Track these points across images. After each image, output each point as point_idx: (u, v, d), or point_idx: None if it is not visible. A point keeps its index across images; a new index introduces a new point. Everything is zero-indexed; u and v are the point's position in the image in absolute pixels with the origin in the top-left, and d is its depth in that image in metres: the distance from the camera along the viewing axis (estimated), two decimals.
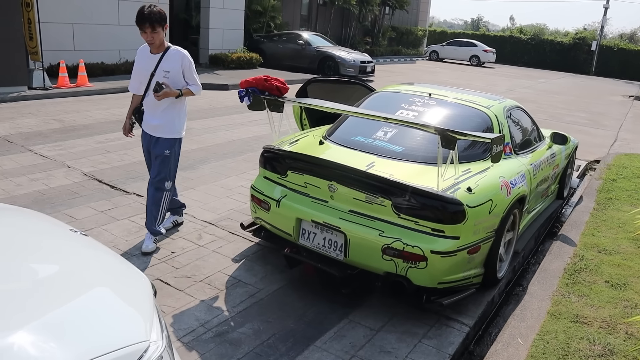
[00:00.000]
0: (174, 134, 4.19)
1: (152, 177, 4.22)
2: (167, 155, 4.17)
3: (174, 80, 4.04)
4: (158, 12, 3.91)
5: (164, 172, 4.18)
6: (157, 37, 3.95)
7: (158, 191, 4.18)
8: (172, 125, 4.16)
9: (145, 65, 4.08)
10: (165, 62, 4.03)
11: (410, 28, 35.35)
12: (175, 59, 4.06)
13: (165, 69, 4.02)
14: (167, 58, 4.04)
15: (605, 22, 36.90)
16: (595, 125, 12.90)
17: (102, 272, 2.19)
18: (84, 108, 9.54)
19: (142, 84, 4.12)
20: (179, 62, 4.06)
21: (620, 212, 5.74)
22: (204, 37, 17.11)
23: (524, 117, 4.99)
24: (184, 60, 4.09)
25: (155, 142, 4.17)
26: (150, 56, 4.07)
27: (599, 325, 3.43)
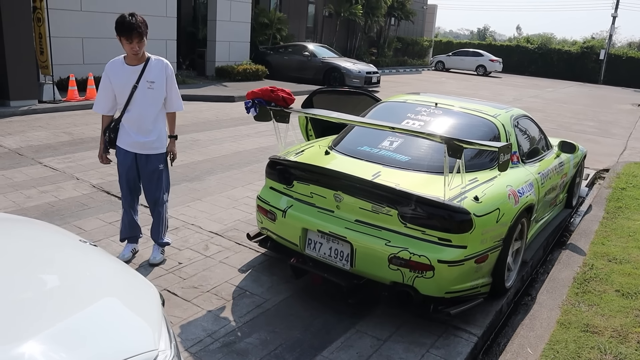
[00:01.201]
0: (164, 147, 4.04)
1: (150, 197, 4.10)
2: (162, 169, 4.05)
3: (158, 91, 3.87)
4: (144, 21, 3.72)
5: (160, 187, 4.07)
6: (143, 47, 3.75)
7: (159, 206, 4.13)
8: (163, 138, 4.00)
9: (124, 79, 3.82)
10: (148, 73, 3.83)
11: (416, 39, 35.46)
12: (159, 68, 3.87)
13: (150, 80, 3.82)
14: (150, 68, 3.84)
15: (614, 31, 36.89)
16: (604, 134, 12.83)
17: (111, 282, 2.20)
18: (92, 121, 9.63)
19: (120, 102, 3.88)
20: (162, 71, 3.88)
21: (630, 221, 5.69)
22: (211, 49, 17.25)
23: (531, 125, 4.98)
24: (167, 69, 3.92)
25: (145, 159, 3.97)
26: (129, 69, 3.82)
27: (610, 335, 3.39)
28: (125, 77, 3.82)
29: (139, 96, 3.83)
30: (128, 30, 3.63)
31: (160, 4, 14.47)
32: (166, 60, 3.97)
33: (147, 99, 3.85)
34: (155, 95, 3.88)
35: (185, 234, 4.76)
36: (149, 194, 4.11)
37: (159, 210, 4.14)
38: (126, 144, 3.95)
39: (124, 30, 3.64)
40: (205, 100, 13.05)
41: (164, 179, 4.11)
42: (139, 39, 3.68)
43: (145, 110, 3.88)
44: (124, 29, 3.63)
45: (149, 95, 3.85)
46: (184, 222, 5.01)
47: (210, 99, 13.20)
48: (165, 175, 4.11)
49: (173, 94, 3.98)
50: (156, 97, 3.89)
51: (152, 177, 4.03)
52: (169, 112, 4.05)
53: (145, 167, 4.00)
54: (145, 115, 3.88)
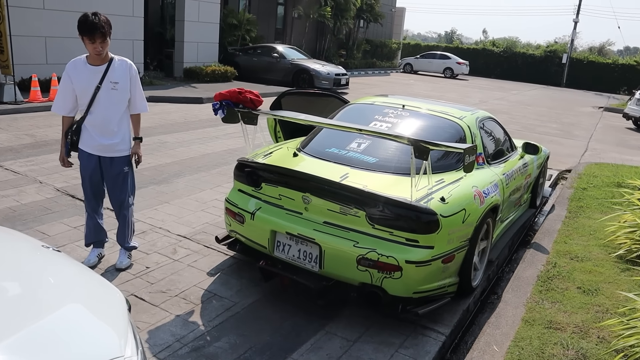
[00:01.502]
0: (129, 149, 3.96)
1: (115, 200, 4.02)
2: (127, 172, 3.98)
3: (122, 92, 3.80)
4: (107, 20, 3.63)
5: (125, 190, 4.01)
6: (106, 47, 3.67)
7: (124, 209, 4.06)
8: (127, 140, 3.93)
9: (86, 80, 3.73)
10: (112, 73, 3.74)
11: (384, 41, 35.77)
12: (122, 69, 3.80)
13: (114, 80, 3.74)
14: (114, 69, 3.76)
15: (575, 36, 37.89)
16: (566, 136, 13.19)
17: (75, 289, 2.16)
18: (56, 122, 9.37)
19: (82, 102, 3.78)
20: (126, 72, 3.81)
21: (591, 220, 5.87)
22: (179, 50, 17.04)
23: (496, 127, 5.08)
24: (131, 69, 3.84)
25: (109, 162, 3.89)
26: (91, 69, 3.73)
27: (572, 331, 3.48)
28: (87, 78, 3.74)
29: (103, 97, 3.76)
30: (91, 29, 3.55)
31: (126, 4, 14.23)
32: (130, 61, 3.89)
33: (111, 100, 3.78)
34: (119, 96, 3.81)
35: (152, 237, 4.69)
36: (113, 197, 4.04)
37: (124, 214, 4.07)
38: (89, 146, 3.86)
39: (86, 29, 3.56)
40: (173, 102, 12.89)
41: (129, 181, 4.04)
42: (102, 39, 3.60)
43: (109, 112, 3.80)
44: (86, 28, 3.55)
45: (113, 96, 3.78)
46: (152, 226, 4.94)
47: (178, 101, 13.04)
48: (130, 177, 4.04)
49: (137, 95, 3.92)
50: (120, 98, 3.82)
51: (116, 180, 3.96)
52: (133, 114, 3.99)
53: (109, 170, 3.92)
54: (109, 116, 3.81)
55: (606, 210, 6.16)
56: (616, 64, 35.38)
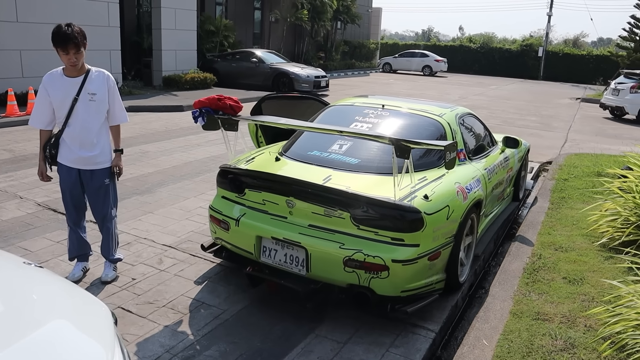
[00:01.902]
0: (109, 161, 3.91)
1: (97, 213, 3.98)
2: (108, 184, 3.93)
3: (100, 103, 3.77)
4: (81, 31, 3.59)
5: (108, 203, 3.96)
6: (81, 58, 3.64)
7: (107, 222, 4.01)
8: (107, 152, 3.88)
9: (63, 92, 3.69)
10: (89, 85, 3.71)
11: (362, 41, 35.94)
12: (100, 80, 3.77)
13: (91, 92, 3.70)
14: (91, 80, 3.73)
15: (550, 29, 38.45)
16: (545, 128, 13.36)
17: (59, 304, 2.12)
18: (34, 136, 9.23)
19: (59, 115, 3.74)
20: (104, 83, 3.78)
21: (573, 210, 5.95)
22: (157, 59, 16.93)
23: (476, 123, 5.13)
24: (109, 80, 3.81)
25: (90, 175, 3.84)
26: (68, 80, 3.69)
27: (560, 321, 3.52)
28: (64, 90, 3.70)
29: (81, 109, 3.72)
30: (64, 41, 3.52)
31: (102, 14, 14.10)
32: (107, 72, 3.86)
33: (89, 111, 3.74)
34: (98, 108, 3.77)
35: (137, 248, 4.65)
36: (96, 210, 3.99)
37: (107, 226, 4.03)
38: (68, 160, 3.81)
39: (59, 41, 3.52)
40: (153, 111, 12.79)
41: (111, 193, 3.99)
42: (76, 49, 3.57)
43: (87, 124, 3.76)
44: (59, 39, 3.52)
45: (92, 108, 3.74)
46: (136, 237, 4.89)
47: (158, 109, 12.95)
48: (112, 189, 4.00)
49: (116, 105, 3.88)
50: (99, 110, 3.78)
51: (98, 192, 3.92)
52: (113, 125, 3.94)
53: (90, 183, 3.88)
54: (88, 128, 3.76)
55: (588, 200, 6.24)
56: (591, 56, 35.96)
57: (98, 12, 13.98)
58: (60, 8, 12.97)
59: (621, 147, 10.60)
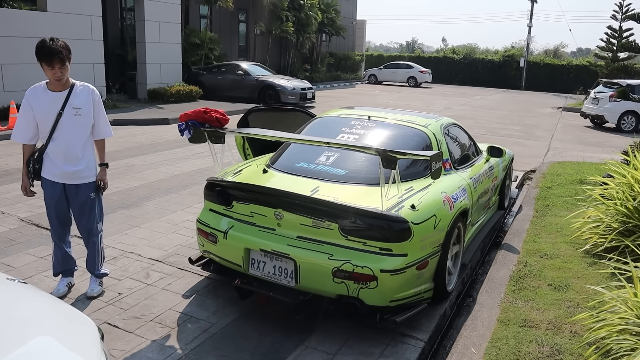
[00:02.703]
0: (94, 175, 3.89)
1: (83, 228, 3.95)
2: (93, 199, 3.90)
3: (85, 117, 3.75)
4: (66, 45, 3.59)
5: (93, 217, 3.93)
6: (66, 72, 3.63)
7: (93, 236, 3.98)
8: (92, 166, 3.87)
9: (47, 107, 3.67)
10: (74, 99, 3.70)
11: (347, 53, 36.18)
12: (85, 94, 3.76)
13: (76, 106, 3.69)
14: (76, 94, 3.72)
15: (531, 40, 39.03)
16: (529, 137, 13.53)
17: (44, 321, 2.10)
18: (16, 151, 9.16)
19: (44, 130, 3.72)
20: (89, 97, 3.77)
21: (557, 218, 6.02)
22: (141, 72, 16.87)
23: (460, 133, 5.19)
24: (94, 94, 3.81)
25: (75, 190, 3.82)
26: (52, 95, 3.68)
27: (546, 327, 3.56)
28: (48, 104, 3.68)
29: (65, 123, 3.70)
30: (48, 55, 3.50)
31: (85, 27, 14.04)
32: (92, 86, 3.86)
33: (74, 125, 3.72)
34: (83, 122, 3.76)
35: (124, 262, 4.60)
36: (81, 225, 3.96)
37: (93, 241, 4.00)
38: (53, 174, 3.78)
39: (44, 55, 3.51)
40: (138, 124, 12.74)
41: (97, 208, 3.97)
42: (61, 64, 3.56)
43: (72, 138, 3.74)
44: (44, 53, 3.51)
45: (76, 122, 3.73)
46: (122, 251, 4.85)
47: (143, 123, 12.89)
48: (97, 204, 3.97)
49: (101, 120, 3.87)
50: (84, 124, 3.77)
51: (83, 207, 3.89)
52: (98, 140, 3.93)
53: (75, 198, 3.85)
54: (72, 143, 3.74)
55: (571, 207, 6.33)
56: (571, 65, 36.55)
57: (81, 25, 13.93)
58: (42, 22, 12.91)
59: (602, 154, 10.77)
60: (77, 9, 13.77)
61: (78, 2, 13.82)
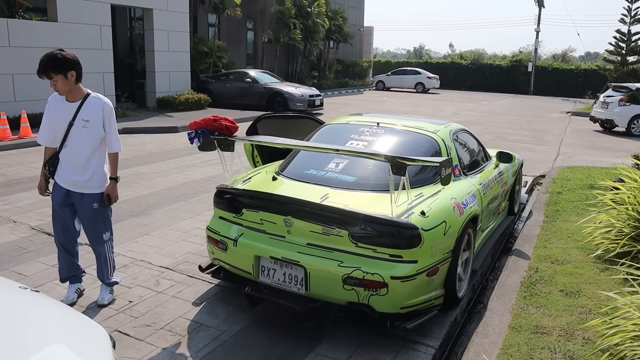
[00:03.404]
0: (100, 187, 3.89)
1: (88, 235, 3.98)
2: (97, 209, 3.90)
3: (93, 130, 3.78)
4: (54, 58, 3.60)
5: (97, 227, 3.94)
6: (58, 85, 3.65)
7: (99, 246, 4.00)
8: (98, 178, 3.87)
9: (61, 115, 3.77)
10: (84, 111, 3.75)
11: (355, 60, 36.25)
12: (95, 107, 3.77)
13: (85, 118, 3.74)
14: (87, 106, 3.76)
15: (538, 45, 38.88)
16: (538, 142, 13.47)
17: (56, 329, 2.11)
18: (28, 160, 9.26)
19: (57, 136, 3.81)
20: (99, 110, 3.77)
21: (568, 223, 5.98)
22: (150, 80, 17.00)
23: (469, 139, 5.18)
24: (105, 108, 3.80)
25: (80, 198, 3.86)
26: (67, 105, 3.77)
27: (558, 334, 3.53)
28: (62, 113, 3.78)
29: (74, 134, 3.78)
30: (39, 70, 3.62)
31: (94, 37, 14.19)
32: (106, 99, 3.87)
33: (80, 137, 3.78)
34: (90, 135, 3.79)
35: (134, 270, 4.63)
36: (87, 233, 4.00)
37: (99, 250, 4.02)
38: (61, 179, 3.88)
39: (38, 70, 3.63)
40: (147, 132, 12.82)
41: (102, 218, 3.96)
42: (46, 76, 3.63)
43: (78, 149, 3.80)
44: (38, 69, 3.63)
45: (83, 134, 3.78)
46: (133, 259, 4.87)
47: (152, 131, 12.97)
48: (102, 214, 3.96)
49: (111, 134, 3.86)
50: (91, 137, 3.80)
51: (87, 216, 3.92)
52: (110, 153, 3.93)
53: (80, 206, 3.90)
54: (77, 153, 3.81)
55: (582, 213, 6.28)
56: (579, 70, 36.40)
57: (90, 35, 14.08)
58: (53, 32, 13.07)
59: (612, 159, 10.69)
60: (87, 19, 13.94)
61: (88, 13, 13.98)
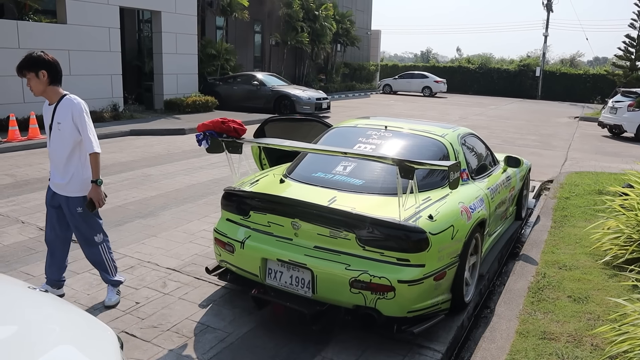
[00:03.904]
0: (84, 191, 3.80)
1: (77, 237, 3.96)
2: (81, 213, 3.84)
3: (65, 132, 3.70)
4: (28, 57, 3.64)
5: (86, 230, 3.90)
6: (31, 84, 3.66)
7: (92, 247, 3.97)
8: (77, 182, 3.79)
9: (46, 118, 3.81)
10: (58, 113, 3.70)
11: (362, 63, 36.26)
12: (65, 109, 3.69)
13: (58, 121, 3.70)
14: (60, 108, 3.71)
15: (547, 49, 38.81)
16: (546, 147, 13.41)
17: (65, 329, 2.12)
18: (36, 161, 9.32)
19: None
20: (69, 112, 3.68)
21: (576, 229, 5.95)
22: (158, 82, 17.08)
23: (477, 143, 5.16)
24: (74, 109, 3.67)
25: (65, 201, 3.83)
26: (48, 108, 3.79)
27: (566, 340, 3.50)
28: (46, 116, 3.84)
29: (53, 137, 3.80)
30: (16, 69, 3.69)
31: (103, 39, 14.27)
32: (77, 100, 3.74)
33: (56, 140, 3.78)
34: (63, 137, 3.74)
35: (141, 272, 4.64)
36: (76, 236, 3.97)
37: (92, 251, 3.98)
38: (50, 181, 3.94)
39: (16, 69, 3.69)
40: (155, 134, 12.87)
41: (87, 223, 3.91)
42: (20, 74, 3.67)
43: (56, 152, 3.80)
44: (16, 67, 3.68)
45: (57, 137, 3.76)
46: (139, 260, 4.89)
47: (160, 133, 13.02)
48: (87, 219, 3.89)
49: (84, 135, 3.72)
50: (64, 139, 3.74)
51: (74, 220, 3.89)
52: (89, 154, 3.77)
53: (66, 209, 3.88)
54: (57, 156, 3.81)
55: (590, 218, 6.24)
56: (587, 74, 36.24)
57: (99, 37, 14.15)
58: (62, 34, 13.14)
59: (621, 164, 10.63)
60: (95, 21, 14.02)
61: (97, 15, 14.06)
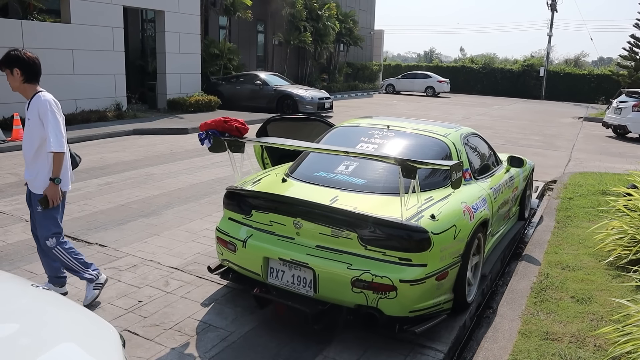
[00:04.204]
0: (43, 189, 3.76)
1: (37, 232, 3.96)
2: (40, 212, 3.79)
3: (33, 128, 3.70)
4: (7, 54, 3.69)
5: (42, 229, 3.83)
6: (8, 80, 3.72)
7: (48, 255, 3.94)
8: (42, 179, 3.75)
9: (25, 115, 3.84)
10: (29, 110, 3.74)
11: (365, 63, 36.24)
12: (33, 106, 3.70)
13: (28, 117, 3.73)
14: (30, 105, 3.74)
15: (551, 49, 38.74)
16: (549, 147, 13.37)
17: (67, 327, 2.13)
18: None
19: None
20: (35, 108, 3.68)
21: (579, 229, 5.93)
22: (161, 82, 17.10)
23: (480, 143, 5.15)
24: (40, 106, 3.65)
25: (33, 198, 3.83)
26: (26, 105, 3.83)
27: (569, 340, 3.49)
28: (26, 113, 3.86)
29: (24, 132, 3.83)
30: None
31: (107, 39, 14.29)
32: (45, 96, 3.71)
33: (26, 136, 3.81)
34: (30, 133, 3.76)
35: (144, 270, 4.65)
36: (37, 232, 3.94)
37: (49, 256, 3.94)
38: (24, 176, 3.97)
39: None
40: (158, 134, 12.89)
41: (43, 223, 3.83)
42: (3, 70, 3.71)
43: (25, 147, 3.83)
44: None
45: (27, 133, 3.79)
46: (142, 259, 4.90)
47: (163, 132, 13.04)
48: (44, 219, 3.81)
49: (48, 132, 3.66)
50: (31, 135, 3.75)
51: (36, 216, 3.89)
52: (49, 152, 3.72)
53: (31, 206, 3.92)
54: (24, 152, 3.84)
55: (593, 219, 6.22)
56: (592, 75, 36.13)
57: (103, 37, 14.17)
58: (66, 34, 13.16)
59: (625, 165, 10.60)
60: (99, 21, 14.04)
61: (100, 15, 14.09)
